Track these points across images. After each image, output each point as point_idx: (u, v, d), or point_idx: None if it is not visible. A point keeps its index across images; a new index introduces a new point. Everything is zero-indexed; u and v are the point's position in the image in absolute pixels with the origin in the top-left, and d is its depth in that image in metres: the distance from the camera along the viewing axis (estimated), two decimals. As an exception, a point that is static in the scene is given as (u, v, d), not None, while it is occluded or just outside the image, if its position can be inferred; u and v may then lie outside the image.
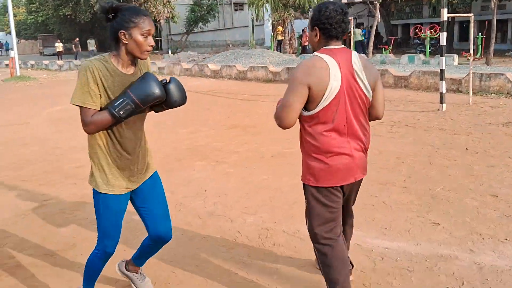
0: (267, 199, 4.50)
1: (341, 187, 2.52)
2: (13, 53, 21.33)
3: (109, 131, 2.35)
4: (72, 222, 4.07)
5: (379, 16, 22.48)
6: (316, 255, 2.63)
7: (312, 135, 2.44)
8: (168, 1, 35.56)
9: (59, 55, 34.97)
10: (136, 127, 2.43)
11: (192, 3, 38.52)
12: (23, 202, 4.64)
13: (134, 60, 2.33)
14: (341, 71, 2.35)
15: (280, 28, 27.20)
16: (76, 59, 31.69)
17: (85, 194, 4.80)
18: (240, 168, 5.62)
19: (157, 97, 2.27)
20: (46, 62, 28.17)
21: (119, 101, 2.23)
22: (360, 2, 24.70)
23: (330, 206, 2.51)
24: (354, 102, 2.42)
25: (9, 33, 23.23)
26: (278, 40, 27.92)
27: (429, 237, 3.55)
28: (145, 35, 2.23)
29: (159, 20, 38.64)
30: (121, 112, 2.22)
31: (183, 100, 2.49)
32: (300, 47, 26.75)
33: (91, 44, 33.85)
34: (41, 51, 50.29)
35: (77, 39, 35.82)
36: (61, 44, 36.37)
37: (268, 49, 26.33)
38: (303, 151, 2.55)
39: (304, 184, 2.58)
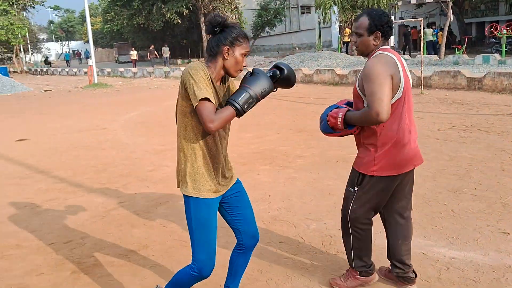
0: (332, 205, 4.52)
1: (399, 174, 2.70)
2: (91, 61, 22.74)
3: (202, 129, 2.32)
4: (144, 224, 4.32)
5: (451, 14, 21.54)
6: (343, 240, 2.95)
7: (384, 126, 2.60)
8: (235, 7, 36.29)
9: (134, 62, 36.14)
10: (227, 126, 2.51)
11: (259, 8, 38.97)
12: (101, 204, 4.97)
13: (224, 76, 2.39)
14: (402, 65, 2.62)
15: (347, 30, 26.88)
16: (152, 66, 32.57)
17: (157, 197, 5.07)
18: (305, 173, 5.67)
19: (270, 91, 2.33)
20: (122, 69, 29.68)
21: (242, 96, 2.23)
22: (431, 2, 23.81)
23: (387, 193, 2.76)
24: (410, 94, 2.70)
25: (87, 42, 24.74)
26: (345, 42, 27.59)
27: (498, 247, 3.42)
28: (244, 55, 2.32)
29: (227, 26, 39.52)
30: (246, 106, 2.23)
31: (294, 80, 2.49)
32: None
33: (166, 52, 34.42)
34: (116, 58, 53.00)
35: (153, 46, 36.39)
36: (135, 52, 37.40)
37: (335, 51, 26.09)
38: (369, 143, 2.69)
39: (361, 174, 2.74)
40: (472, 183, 4.88)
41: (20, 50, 46.81)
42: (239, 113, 2.23)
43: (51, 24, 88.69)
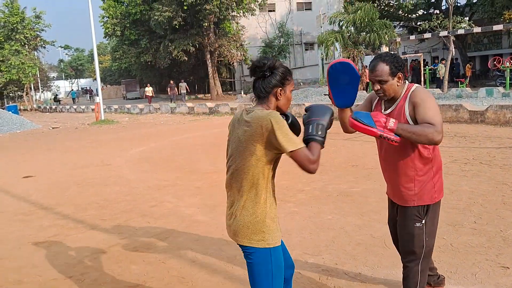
0: (330, 239, 4.52)
1: None
2: (98, 98, 23.16)
3: (272, 174, 2.35)
4: (143, 260, 4.34)
5: (453, 49, 21.86)
6: (419, 273, 2.83)
7: (434, 153, 2.77)
8: (241, 45, 37.03)
9: (149, 99, 35.21)
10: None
11: (264, 45, 39.74)
12: (101, 240, 5.01)
13: None
14: None
15: None
16: (171, 101, 32.07)
17: (157, 233, 5.10)
18: (305, 207, 5.69)
19: (332, 115, 2.38)
20: (128, 106, 30.13)
21: (314, 129, 2.28)
22: (435, 36, 24.22)
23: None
24: None
25: (96, 79, 25.30)
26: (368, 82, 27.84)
27: (497, 282, 3.40)
28: (291, 91, 2.41)
29: (233, 63, 40.27)
30: (323, 136, 2.29)
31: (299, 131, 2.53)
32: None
33: (183, 87, 34.10)
34: (124, 95, 53.87)
35: (172, 81, 35.42)
36: (151, 88, 36.38)
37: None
38: (425, 172, 2.76)
39: (423, 206, 2.79)
40: (472, 217, 4.88)
41: (30, 88, 47.79)
42: (323, 143, 2.28)
43: (61, 63, 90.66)
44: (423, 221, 2.78)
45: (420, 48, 32.34)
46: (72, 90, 68.72)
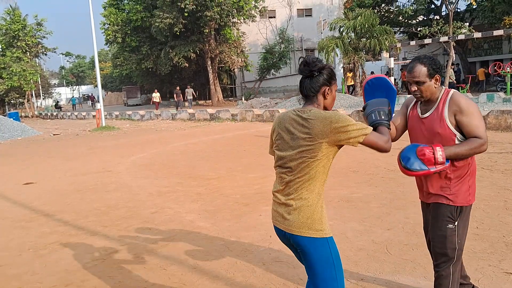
0: (332, 245, 4.50)
1: None
2: (99, 105, 23.21)
3: (328, 169, 2.45)
4: (144, 267, 4.32)
5: (454, 54, 21.90)
6: (450, 276, 2.81)
7: (472, 157, 2.79)
8: (241, 51, 37.11)
9: (156, 105, 34.69)
10: None
11: (265, 51, 39.83)
12: (102, 246, 4.99)
13: None
14: None
15: (349, 74, 27.23)
16: (177, 108, 31.51)
17: (158, 240, 5.08)
18: (306, 214, 5.66)
19: (389, 107, 2.60)
20: (129, 112, 30.17)
21: (377, 115, 2.52)
22: (435, 42, 24.26)
23: None
24: None
25: (97, 86, 25.37)
26: (349, 86, 27.97)
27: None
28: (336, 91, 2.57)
29: (234, 69, 40.35)
30: (387, 119, 2.52)
31: None
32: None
33: (189, 93, 33.63)
34: (125, 102, 53.97)
35: (178, 88, 34.63)
36: (158, 94, 35.48)
37: (340, 92, 26.41)
38: (461, 174, 2.77)
39: (459, 207, 2.78)
40: (474, 222, 4.85)
41: (31, 95, 47.90)
42: (389, 125, 2.49)
43: (63, 70, 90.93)
44: (456, 223, 2.77)
45: (420, 54, 32.34)
46: (73, 97, 68.89)
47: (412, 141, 2.93)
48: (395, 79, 28.59)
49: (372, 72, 27.29)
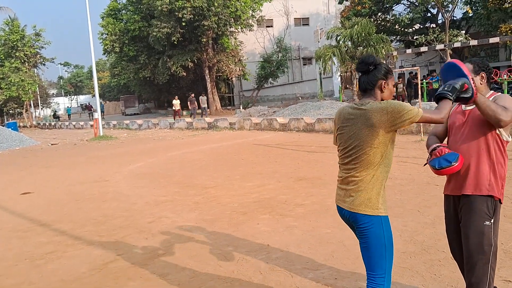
0: (329, 253, 4.49)
1: None
2: (97, 114, 23.22)
3: (386, 153, 2.65)
4: (141, 276, 4.30)
5: (450, 62, 21.97)
6: (489, 271, 2.79)
7: (505, 153, 2.84)
8: (239, 60, 37.22)
9: (177, 113, 30.86)
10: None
11: (262, 60, 39.97)
12: (99, 256, 4.97)
13: None
14: None
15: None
16: (191, 116, 30.26)
17: (155, 249, 5.06)
18: (304, 221, 5.66)
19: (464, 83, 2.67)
20: (127, 121, 30.16)
21: (447, 87, 2.62)
22: (431, 50, 24.38)
23: None
24: None
25: (95, 96, 25.40)
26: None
27: (498, 296, 3.36)
28: (393, 85, 2.75)
29: (232, 78, 40.44)
30: (453, 95, 2.62)
31: None
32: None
33: (203, 101, 31.60)
34: (123, 111, 53.98)
35: (193, 95, 32.60)
36: (178, 101, 31.44)
37: (337, 101, 26.49)
38: (498, 161, 2.81)
39: (493, 201, 2.79)
40: (471, 229, 4.85)
41: (30, 105, 47.91)
42: (452, 100, 2.61)
43: (61, 80, 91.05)
44: (492, 220, 2.77)
45: (417, 62, 32.49)
46: (68, 106, 68.97)
47: (451, 134, 3.00)
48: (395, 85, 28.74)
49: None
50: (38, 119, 51.55)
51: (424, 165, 3.12)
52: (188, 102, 31.78)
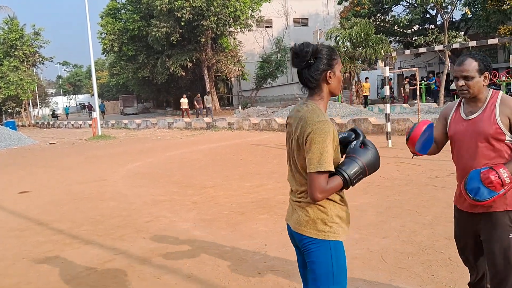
0: (327, 254, 4.48)
1: None
2: (95, 114, 23.21)
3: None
4: (138, 276, 4.29)
5: (449, 63, 22.00)
6: None
7: None
8: (238, 60, 37.23)
9: (186, 112, 31.14)
10: None
11: (261, 60, 39.98)
12: (96, 255, 4.96)
13: None
14: None
15: (365, 84, 26.73)
16: (198, 116, 29.52)
17: (152, 249, 5.06)
18: (302, 222, 5.64)
19: (377, 169, 2.25)
20: (126, 121, 30.14)
21: (354, 169, 2.13)
22: (430, 51, 24.41)
23: None
24: None
25: (93, 95, 25.38)
26: (365, 96, 27.10)
27: (495, 296, 3.36)
28: (340, 70, 2.27)
29: (230, 78, 40.44)
30: (354, 181, 2.15)
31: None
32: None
33: (208, 101, 30.94)
34: (121, 110, 53.98)
35: (199, 95, 32.34)
36: (186, 100, 31.58)
37: (336, 101, 26.48)
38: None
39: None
40: (469, 230, 4.85)
41: (28, 104, 47.87)
42: (347, 186, 2.13)
43: (60, 79, 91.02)
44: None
45: (416, 63, 32.52)
46: (66, 106, 68.98)
47: (455, 146, 2.78)
48: (390, 88, 28.73)
49: (366, 79, 27.37)
50: (36, 118, 51.55)
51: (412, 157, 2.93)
52: (195, 102, 31.30)
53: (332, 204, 2.20)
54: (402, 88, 24.88)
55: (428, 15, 30.55)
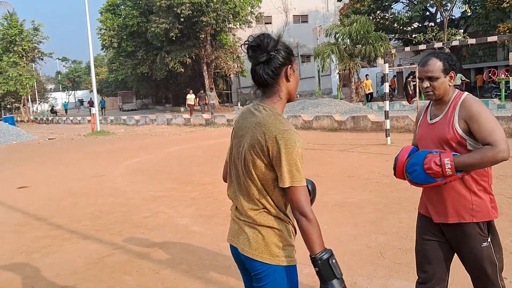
0: (326, 250, 4.49)
1: None
2: (94, 110, 23.20)
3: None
4: (137, 271, 4.30)
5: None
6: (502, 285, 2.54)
7: (488, 168, 2.45)
8: (237, 57, 37.20)
9: (190, 109, 29.78)
10: None
11: (261, 57, 39.94)
12: (94, 250, 4.97)
13: None
14: None
15: (366, 82, 26.71)
16: (203, 112, 28.28)
17: (151, 244, 5.06)
18: (300, 218, 5.65)
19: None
20: (124, 117, 30.12)
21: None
22: (428, 49, 24.39)
23: None
24: None
25: (92, 91, 25.37)
26: (367, 94, 26.96)
27: (493, 292, 3.37)
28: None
29: (230, 75, 40.42)
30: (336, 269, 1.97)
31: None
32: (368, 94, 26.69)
33: (212, 97, 29.48)
34: (120, 107, 53.93)
35: (202, 91, 31.30)
36: (193, 96, 30.01)
37: (335, 98, 26.50)
38: (483, 186, 2.46)
39: (485, 223, 2.46)
40: (467, 227, 4.86)
41: (27, 100, 47.81)
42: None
43: (59, 75, 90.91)
44: (489, 239, 2.45)
45: (415, 60, 32.50)
46: (65, 102, 68.96)
47: (421, 148, 2.59)
48: (390, 86, 28.70)
49: (366, 76, 27.35)
50: (35, 114, 51.52)
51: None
52: (198, 98, 30.33)
53: (285, 225, 1.98)
54: (407, 86, 24.69)
55: (427, 13, 30.57)
